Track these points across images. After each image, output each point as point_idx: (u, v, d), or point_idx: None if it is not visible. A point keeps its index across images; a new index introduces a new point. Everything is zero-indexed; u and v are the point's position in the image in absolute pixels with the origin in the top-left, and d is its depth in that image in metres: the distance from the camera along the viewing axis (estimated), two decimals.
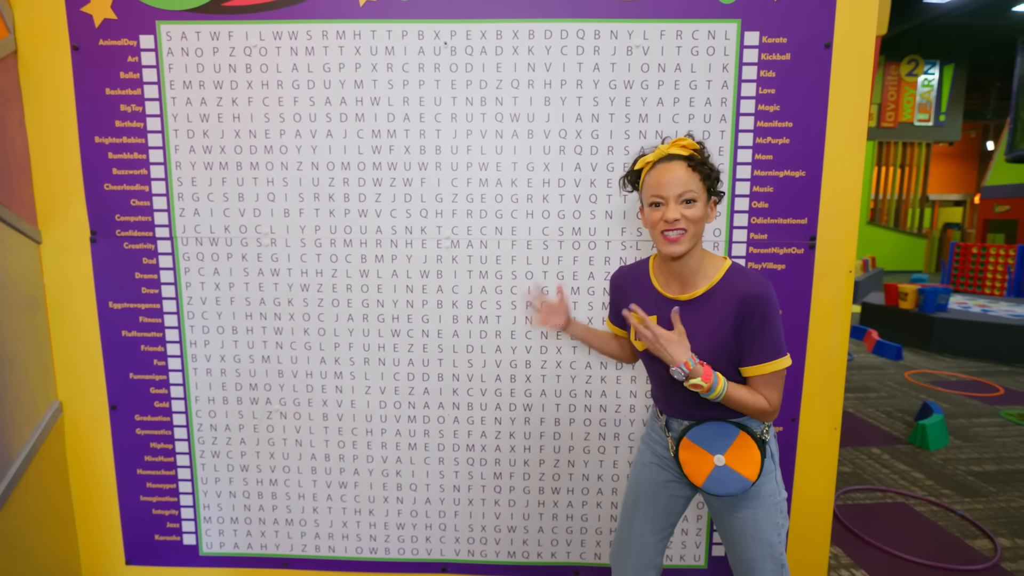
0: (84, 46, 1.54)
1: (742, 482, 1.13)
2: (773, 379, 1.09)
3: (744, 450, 1.13)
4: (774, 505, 1.16)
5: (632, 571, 1.30)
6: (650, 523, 1.28)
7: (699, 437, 1.16)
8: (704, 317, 1.10)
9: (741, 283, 1.07)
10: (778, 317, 1.07)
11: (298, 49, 1.53)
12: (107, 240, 1.63)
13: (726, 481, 1.14)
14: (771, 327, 1.06)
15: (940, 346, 5.30)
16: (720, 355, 1.10)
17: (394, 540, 1.75)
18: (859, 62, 1.50)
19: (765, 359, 1.07)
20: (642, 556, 1.29)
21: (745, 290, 1.06)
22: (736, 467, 1.13)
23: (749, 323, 1.06)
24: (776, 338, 1.07)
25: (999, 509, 2.44)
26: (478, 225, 1.58)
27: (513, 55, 1.52)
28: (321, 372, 1.67)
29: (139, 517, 1.76)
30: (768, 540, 1.16)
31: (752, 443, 1.12)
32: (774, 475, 1.17)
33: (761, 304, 1.05)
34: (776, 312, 1.07)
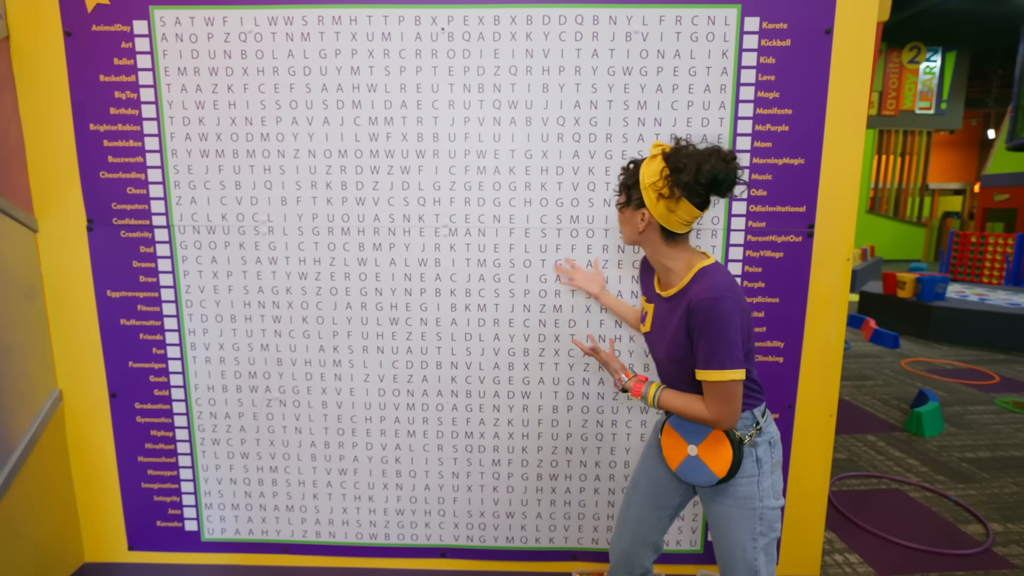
0: (77, 32, 1.52)
1: (709, 476, 1.16)
2: (712, 388, 1.08)
3: (716, 445, 1.15)
4: (750, 509, 1.15)
5: (628, 542, 1.34)
6: (648, 499, 1.32)
7: (678, 425, 1.22)
8: (672, 317, 1.15)
9: (696, 288, 1.09)
10: (723, 328, 1.05)
11: (294, 35, 1.52)
12: (104, 228, 1.62)
13: (695, 471, 1.18)
14: (711, 336, 1.05)
15: (937, 335, 5.33)
16: (680, 355, 1.13)
17: (394, 526, 1.76)
18: (860, 48, 1.49)
19: (704, 366, 1.08)
20: (638, 530, 1.32)
21: (693, 295, 1.08)
22: (705, 460, 1.16)
23: (694, 328, 1.08)
24: (716, 348, 1.05)
25: (992, 495, 2.47)
26: (476, 213, 1.58)
27: (511, 41, 1.50)
28: (320, 360, 1.67)
29: (141, 504, 1.78)
30: (739, 542, 1.17)
31: (724, 440, 1.14)
32: (756, 480, 1.16)
33: (702, 312, 1.05)
34: (720, 323, 1.05)
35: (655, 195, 1.09)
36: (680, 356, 1.13)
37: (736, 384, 1.08)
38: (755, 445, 1.16)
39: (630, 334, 1.63)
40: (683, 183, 1.06)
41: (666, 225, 1.12)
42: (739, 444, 1.14)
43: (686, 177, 1.05)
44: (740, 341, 1.07)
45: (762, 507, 1.16)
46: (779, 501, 1.18)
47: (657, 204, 1.10)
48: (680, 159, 1.06)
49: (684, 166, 1.05)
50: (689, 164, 1.05)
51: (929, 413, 3.11)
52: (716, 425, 1.11)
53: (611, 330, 1.62)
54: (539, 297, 1.61)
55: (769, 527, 1.17)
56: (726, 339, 1.05)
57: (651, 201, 1.10)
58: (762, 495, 1.16)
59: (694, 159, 1.06)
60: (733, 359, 1.06)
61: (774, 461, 1.18)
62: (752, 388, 1.16)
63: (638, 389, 1.22)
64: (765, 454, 1.17)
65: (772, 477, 1.17)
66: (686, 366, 1.14)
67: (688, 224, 1.12)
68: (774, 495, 1.17)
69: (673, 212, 1.09)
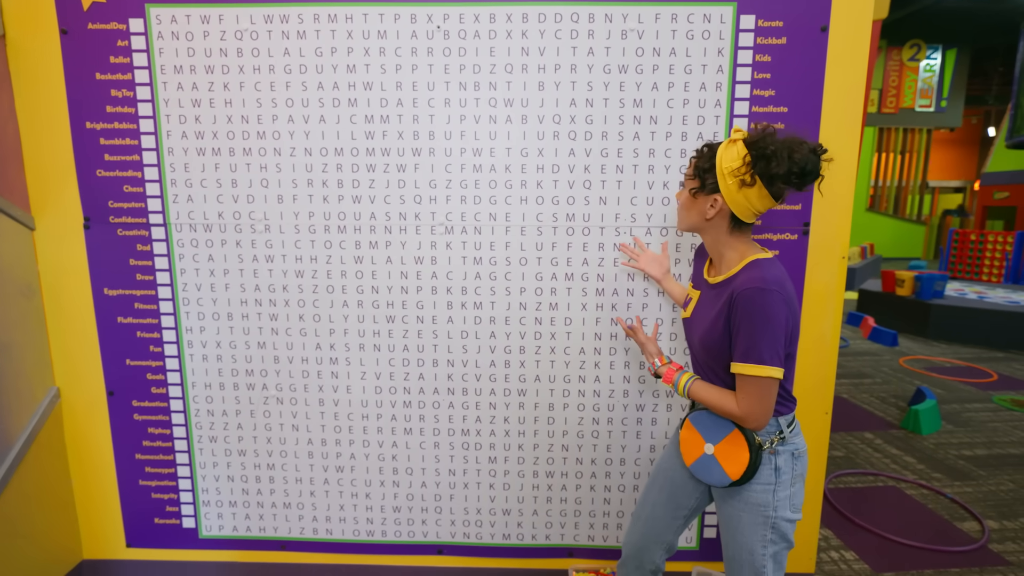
0: (73, 30, 1.52)
1: (723, 476, 1.14)
2: (746, 383, 1.06)
3: (734, 447, 1.12)
4: (763, 517, 1.12)
5: (639, 537, 1.33)
6: (664, 496, 1.31)
7: (698, 421, 1.19)
8: (715, 303, 1.12)
9: (742, 279, 1.05)
10: (766, 321, 1.01)
11: (290, 33, 1.52)
12: (101, 227, 1.62)
13: (709, 470, 1.16)
14: (753, 327, 1.02)
15: (936, 332, 5.33)
16: (714, 343, 1.11)
17: (390, 523, 1.77)
18: (856, 46, 1.49)
19: (741, 358, 1.05)
20: (651, 527, 1.32)
21: (738, 285, 1.05)
22: (721, 460, 1.14)
23: (734, 318, 1.05)
24: (756, 340, 1.02)
25: (988, 492, 2.48)
26: (472, 211, 1.58)
27: (507, 39, 1.50)
28: (317, 358, 1.68)
29: (139, 501, 1.78)
30: (748, 546, 1.14)
31: (743, 443, 1.11)
32: (772, 490, 1.12)
33: (745, 302, 1.02)
34: (762, 315, 1.01)
35: (736, 182, 1.04)
36: (713, 343, 1.10)
37: (772, 382, 1.04)
38: (776, 453, 1.11)
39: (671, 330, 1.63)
40: (770, 173, 1.01)
41: (737, 213, 1.08)
42: (757, 449, 1.10)
43: (777, 167, 1.00)
44: (783, 338, 1.03)
45: (776, 517, 1.12)
46: (796, 515, 1.14)
47: (736, 192, 1.05)
48: (768, 145, 1.01)
49: (774, 153, 1.00)
50: (779, 152, 1.00)
51: (926, 411, 3.12)
52: (743, 422, 1.08)
53: (607, 327, 1.63)
54: (535, 295, 1.62)
55: (781, 537, 1.13)
56: (768, 333, 1.01)
57: (728, 188, 1.06)
58: (777, 505, 1.12)
59: (785, 147, 1.00)
60: (773, 355, 1.02)
61: (795, 473, 1.13)
62: (782, 396, 1.12)
63: (670, 375, 1.21)
64: (786, 464, 1.12)
65: (791, 489, 1.13)
66: (718, 355, 1.11)
67: (759, 214, 1.09)
68: (791, 508, 1.13)
69: (749, 201, 1.05)
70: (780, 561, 1.15)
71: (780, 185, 1.03)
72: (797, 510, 1.15)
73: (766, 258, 1.09)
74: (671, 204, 1.56)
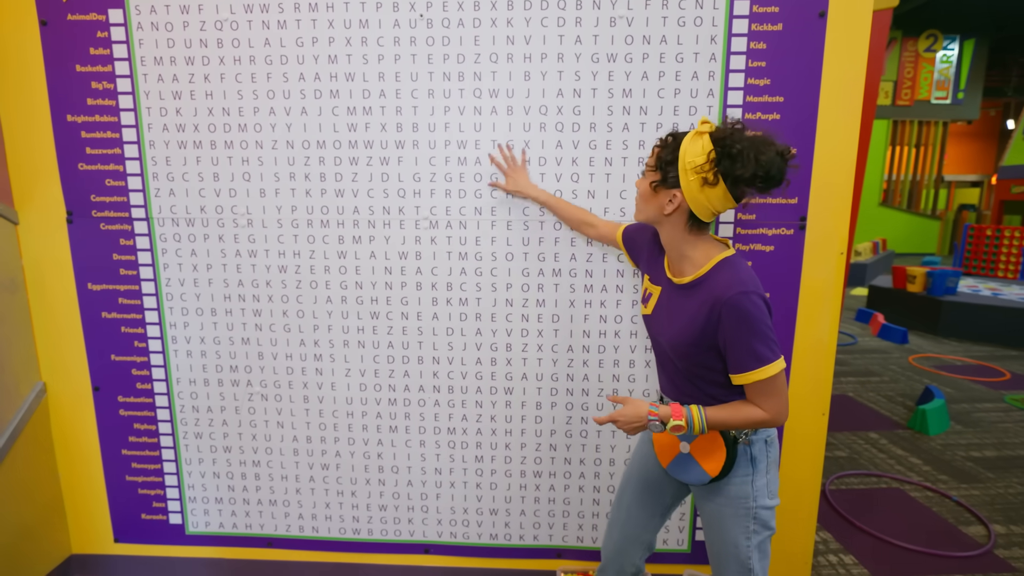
0: (52, 21, 1.50)
1: (701, 474, 1.12)
2: (763, 387, 1.02)
3: (711, 444, 1.11)
4: (744, 508, 1.12)
5: (618, 539, 1.31)
6: (640, 496, 1.29)
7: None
8: (686, 304, 1.07)
9: (720, 282, 1.01)
10: (758, 323, 0.98)
11: (270, 23, 1.49)
12: (83, 221, 1.61)
13: (687, 468, 1.15)
14: (748, 335, 0.99)
15: (947, 330, 5.21)
16: (687, 346, 1.07)
17: (377, 521, 1.75)
18: (855, 33, 1.42)
19: (746, 368, 1.01)
20: (629, 528, 1.30)
21: (719, 292, 1.00)
22: (698, 458, 1.13)
23: (724, 330, 1.00)
24: (756, 346, 0.99)
25: (996, 495, 2.41)
26: (457, 205, 1.54)
27: (492, 27, 1.46)
28: (301, 355, 1.66)
29: (125, 496, 1.78)
30: (733, 540, 1.13)
31: (719, 439, 1.10)
32: (751, 479, 1.11)
33: (732, 313, 0.98)
34: (754, 318, 0.98)
35: (698, 179, 0.98)
36: (687, 346, 1.06)
37: (782, 374, 1.02)
38: (750, 443, 1.11)
39: (632, 327, 1.59)
40: (735, 174, 0.96)
41: (697, 212, 1.02)
42: (733, 443, 1.09)
43: (742, 169, 0.95)
44: (772, 330, 1.01)
45: (756, 506, 1.12)
46: (774, 501, 1.14)
47: (696, 189, 0.99)
48: (734, 144, 0.96)
49: (739, 152, 0.95)
50: (746, 152, 0.95)
51: (934, 410, 3.04)
52: (774, 424, 1.04)
53: (595, 325, 1.59)
54: (522, 291, 1.58)
55: (763, 525, 1.13)
56: (761, 334, 0.99)
57: (689, 184, 1.00)
58: (756, 494, 1.12)
59: (752, 148, 0.95)
60: (773, 350, 1.00)
61: (770, 460, 1.13)
62: None
63: (679, 412, 1.06)
64: (760, 453, 1.12)
65: (767, 476, 1.13)
66: (689, 356, 1.07)
67: (717, 214, 1.04)
68: (769, 495, 1.13)
69: (709, 200, 1.00)
70: (764, 550, 1.15)
71: (743, 188, 0.99)
72: (774, 495, 1.14)
73: (732, 256, 1.06)
74: None
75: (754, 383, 1.02)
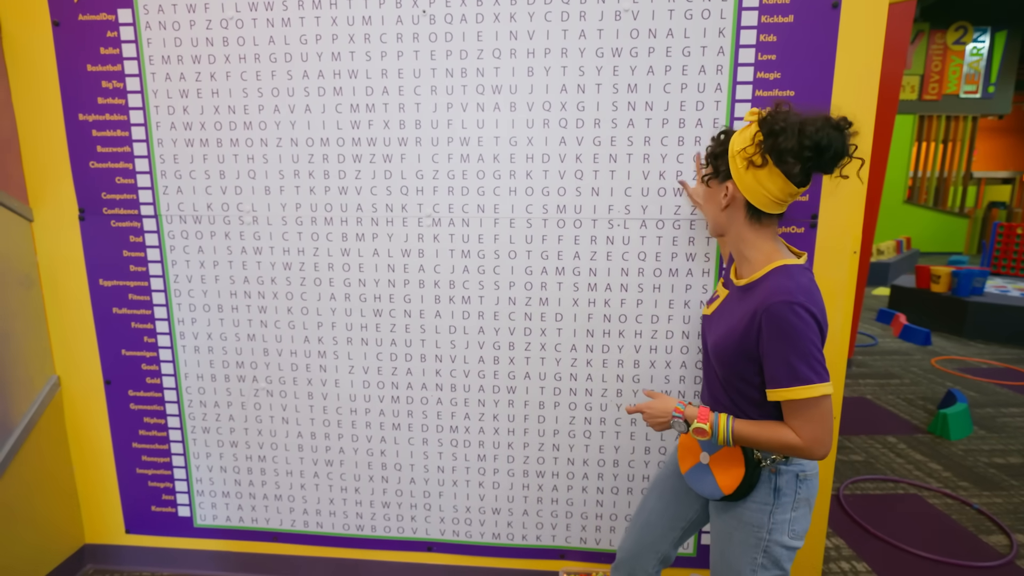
0: (64, 21, 1.53)
1: (715, 488, 1.07)
2: (799, 408, 0.93)
3: (730, 460, 1.05)
4: (755, 539, 1.04)
5: (633, 543, 1.28)
6: (663, 504, 1.25)
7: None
8: (736, 310, 1.02)
9: (769, 288, 0.95)
10: (799, 337, 0.91)
11: (274, 20, 1.49)
12: (95, 218, 1.64)
13: (702, 480, 1.10)
14: (785, 348, 0.92)
15: (973, 332, 5.05)
16: (725, 350, 1.02)
17: (380, 518, 1.75)
18: (871, 24, 1.37)
19: (780, 383, 0.93)
20: (646, 534, 1.27)
21: (762, 298, 0.94)
22: (715, 472, 1.07)
23: (763, 340, 0.94)
24: (794, 361, 0.91)
25: (1020, 504, 2.32)
26: (460, 203, 1.53)
27: (495, 23, 1.44)
28: (305, 351, 1.66)
29: (136, 489, 1.81)
30: (736, 567, 1.07)
31: (740, 456, 1.03)
32: (770, 511, 1.02)
33: (770, 320, 0.92)
34: (796, 331, 0.91)
35: (744, 163, 0.95)
36: (725, 351, 1.02)
37: (826, 400, 0.92)
38: (777, 472, 1.02)
39: (668, 327, 1.57)
40: (779, 149, 0.91)
41: (752, 200, 0.97)
42: (755, 465, 1.02)
43: (785, 141, 0.90)
44: (819, 349, 0.93)
45: (769, 540, 1.03)
46: (795, 542, 1.04)
47: (744, 174, 0.95)
48: (778, 121, 0.92)
49: (782, 129, 0.91)
50: (789, 127, 0.91)
51: (956, 415, 2.95)
52: (809, 455, 0.95)
53: (600, 323, 1.56)
54: (525, 290, 1.56)
55: (773, 563, 1.04)
56: (804, 349, 0.91)
57: (738, 170, 0.96)
58: (772, 527, 1.03)
59: (796, 121, 0.92)
60: (816, 369, 0.91)
61: (799, 497, 1.03)
62: None
63: (706, 415, 1.02)
64: (788, 486, 1.02)
65: (792, 513, 1.03)
66: (728, 364, 1.02)
67: (780, 203, 0.97)
68: (790, 533, 1.03)
69: (762, 185, 0.95)
70: None
71: (791, 162, 0.92)
72: (798, 537, 1.04)
73: (794, 264, 0.98)
74: (667, 195, 1.48)
75: (790, 402, 0.94)
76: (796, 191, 0.97)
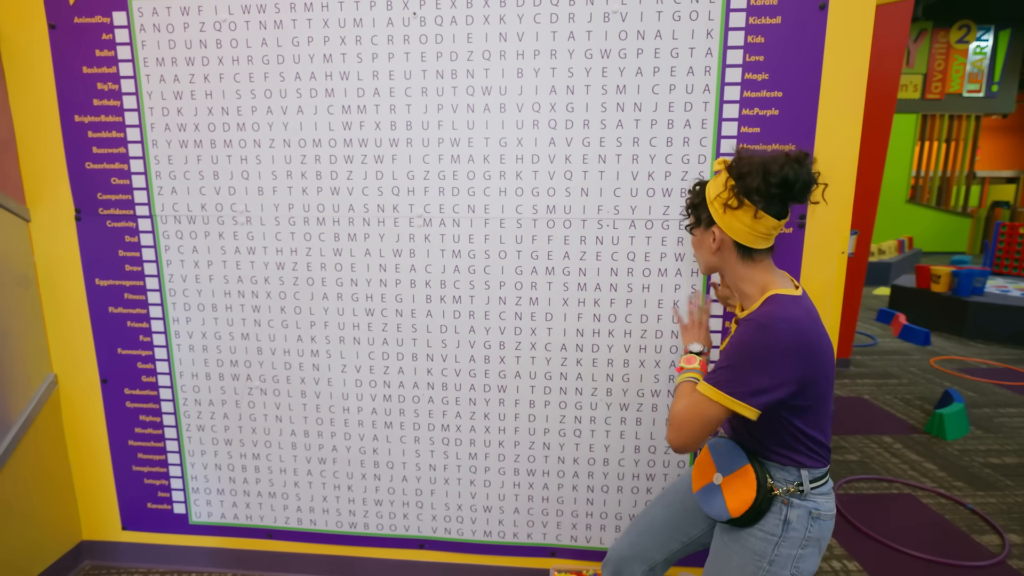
0: (60, 24, 1.55)
1: (722, 510, 1.07)
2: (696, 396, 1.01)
3: (741, 483, 1.05)
4: (754, 566, 1.03)
5: (627, 545, 1.28)
6: (668, 514, 1.26)
7: (715, 450, 1.14)
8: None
9: (755, 313, 1.00)
10: (750, 354, 0.95)
11: (266, 23, 1.51)
12: (91, 218, 1.66)
13: (712, 500, 1.10)
14: (731, 354, 0.98)
15: (973, 332, 5.04)
16: None
17: (372, 516, 1.77)
18: (857, 25, 1.38)
19: (707, 378, 1.01)
20: (642, 540, 1.27)
21: (748, 316, 1.01)
22: (726, 493, 1.07)
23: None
24: (725, 366, 0.98)
25: (1014, 504, 2.32)
26: (450, 203, 1.55)
27: (484, 24, 1.45)
28: (298, 350, 1.68)
29: (132, 486, 1.83)
30: None
31: (752, 481, 1.03)
32: (775, 543, 1.02)
33: (740, 330, 0.99)
34: (750, 347, 0.95)
35: (721, 207, 1.03)
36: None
37: (713, 408, 0.97)
38: (789, 504, 1.02)
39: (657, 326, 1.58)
40: (748, 189, 0.99)
41: (739, 239, 1.03)
42: (767, 492, 1.02)
43: (752, 181, 0.98)
44: (765, 383, 0.94)
45: (768, 571, 1.03)
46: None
47: (724, 216, 1.03)
48: (743, 165, 1.01)
49: (749, 171, 0.99)
50: (754, 168, 0.99)
51: (952, 415, 2.95)
52: (668, 431, 1.05)
53: (589, 323, 1.57)
54: (515, 289, 1.58)
55: None
56: (746, 366, 0.95)
57: (718, 214, 1.04)
58: (774, 559, 1.02)
59: (759, 163, 1.00)
60: (737, 388, 0.95)
61: (808, 536, 1.02)
62: (811, 447, 1.02)
63: (690, 361, 1.20)
64: (799, 522, 1.02)
65: (799, 551, 1.02)
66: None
67: (766, 236, 1.02)
68: (792, 570, 1.02)
69: (743, 223, 1.02)
70: None
71: (757, 199, 1.00)
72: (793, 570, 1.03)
73: (786, 295, 1.00)
74: (656, 195, 1.49)
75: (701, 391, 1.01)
76: (777, 223, 1.02)
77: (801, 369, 0.95)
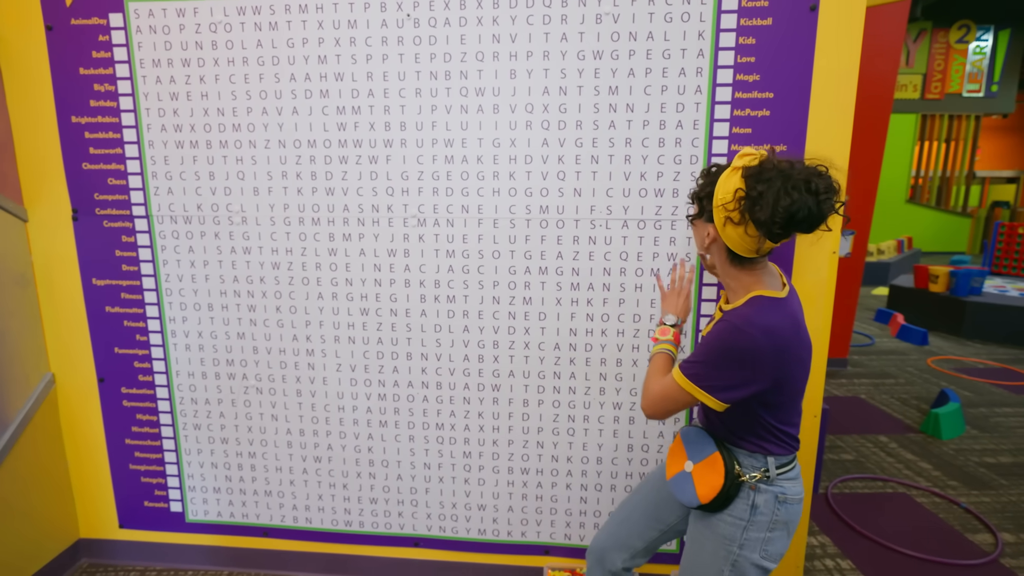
0: (57, 26, 1.56)
1: (692, 497, 1.09)
2: (667, 383, 1.05)
3: (710, 470, 1.07)
4: (725, 551, 1.06)
5: (608, 535, 1.30)
6: (645, 503, 1.28)
7: (687, 437, 1.16)
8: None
9: (735, 313, 0.99)
10: (721, 351, 0.97)
11: (262, 24, 1.52)
12: (88, 218, 1.67)
13: (683, 488, 1.12)
14: (705, 349, 1.00)
15: (971, 331, 5.04)
16: None
17: (368, 514, 1.78)
18: (848, 27, 1.39)
19: (680, 367, 1.03)
20: (622, 529, 1.29)
21: (727, 315, 1.00)
22: (696, 480, 1.10)
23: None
24: (700, 361, 1.00)
25: (1008, 503, 2.33)
26: (444, 203, 1.56)
27: (477, 26, 1.46)
28: (294, 349, 1.69)
29: (129, 484, 1.84)
30: (704, 574, 1.09)
31: (720, 468, 1.05)
32: (743, 527, 1.04)
33: (715, 328, 1.00)
34: (721, 344, 0.97)
35: (723, 218, 0.98)
36: None
37: (681, 394, 1.03)
38: (757, 490, 1.05)
39: (651, 326, 1.59)
40: (755, 216, 0.92)
41: (732, 247, 1.01)
42: (734, 479, 1.04)
43: (760, 212, 0.91)
44: (735, 381, 0.97)
45: (739, 555, 1.05)
46: (767, 563, 1.05)
47: (724, 226, 0.99)
48: (758, 185, 0.92)
49: (760, 195, 0.91)
50: (767, 195, 0.90)
51: (948, 414, 2.95)
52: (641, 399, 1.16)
53: (582, 322, 1.58)
54: (508, 289, 1.59)
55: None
56: (718, 364, 0.97)
57: (719, 221, 0.99)
58: (743, 543, 1.05)
59: (774, 189, 0.90)
60: (707, 384, 0.99)
61: (775, 519, 1.05)
62: (779, 438, 1.05)
63: (664, 332, 1.21)
64: (766, 506, 1.04)
65: (767, 534, 1.05)
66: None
67: (759, 252, 0.99)
68: (761, 553, 1.05)
69: (740, 238, 0.98)
70: None
71: (774, 232, 0.93)
72: (771, 559, 1.05)
73: (769, 297, 1.00)
74: (648, 196, 1.50)
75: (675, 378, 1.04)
76: (774, 245, 0.98)
77: (772, 372, 0.97)
